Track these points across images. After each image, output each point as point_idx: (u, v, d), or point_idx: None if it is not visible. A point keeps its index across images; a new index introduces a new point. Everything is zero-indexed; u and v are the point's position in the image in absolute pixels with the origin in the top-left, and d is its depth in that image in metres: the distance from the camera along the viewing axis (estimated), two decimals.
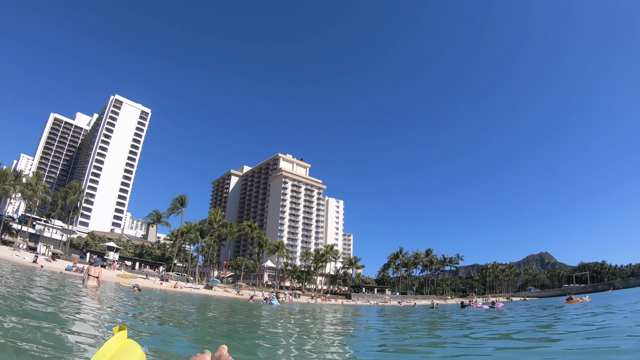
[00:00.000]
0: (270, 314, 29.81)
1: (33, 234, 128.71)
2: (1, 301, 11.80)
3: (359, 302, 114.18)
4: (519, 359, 10.12)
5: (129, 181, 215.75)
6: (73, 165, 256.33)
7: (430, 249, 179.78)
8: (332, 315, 36.20)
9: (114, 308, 18.28)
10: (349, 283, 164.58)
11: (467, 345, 13.59)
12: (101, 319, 12.96)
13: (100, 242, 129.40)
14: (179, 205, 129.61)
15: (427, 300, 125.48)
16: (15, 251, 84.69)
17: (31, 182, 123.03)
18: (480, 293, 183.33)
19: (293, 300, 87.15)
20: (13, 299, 13.11)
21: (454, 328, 22.19)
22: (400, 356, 11.59)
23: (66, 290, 22.48)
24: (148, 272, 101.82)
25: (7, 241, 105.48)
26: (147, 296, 34.62)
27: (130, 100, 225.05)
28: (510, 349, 12.28)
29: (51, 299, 16.34)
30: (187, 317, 20.33)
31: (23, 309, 10.94)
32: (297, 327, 19.54)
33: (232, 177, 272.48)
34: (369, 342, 15.32)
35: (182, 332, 13.24)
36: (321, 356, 10.30)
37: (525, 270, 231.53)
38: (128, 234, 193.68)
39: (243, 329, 17.42)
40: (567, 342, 12.93)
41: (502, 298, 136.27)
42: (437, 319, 32.46)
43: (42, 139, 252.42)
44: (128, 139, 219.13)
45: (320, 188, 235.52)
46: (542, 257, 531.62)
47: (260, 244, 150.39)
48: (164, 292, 58.03)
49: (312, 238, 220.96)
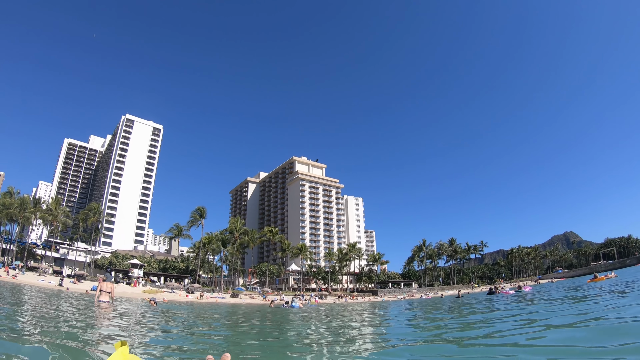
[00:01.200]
0: (295, 317, 29.12)
1: (58, 258, 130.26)
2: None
3: (385, 298, 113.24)
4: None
5: (148, 198, 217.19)
6: (91, 188, 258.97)
7: (454, 238, 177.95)
8: (357, 314, 35.42)
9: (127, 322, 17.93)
10: (374, 280, 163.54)
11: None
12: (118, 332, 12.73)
13: (124, 260, 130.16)
14: (198, 217, 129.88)
15: (455, 290, 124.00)
16: (40, 276, 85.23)
17: (51, 207, 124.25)
18: (508, 278, 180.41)
19: (318, 302, 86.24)
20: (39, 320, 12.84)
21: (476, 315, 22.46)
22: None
23: (94, 310, 22.31)
24: (173, 286, 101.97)
25: (33, 267, 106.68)
26: (166, 309, 34.59)
27: (142, 119, 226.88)
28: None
29: (81, 319, 16.68)
30: (203, 325, 19.89)
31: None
32: (326, 330, 18.87)
33: (250, 184, 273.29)
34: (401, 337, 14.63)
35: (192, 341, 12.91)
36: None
37: (551, 251, 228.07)
38: (151, 250, 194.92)
39: (262, 335, 16.97)
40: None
41: (529, 282, 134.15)
42: (463, 307, 31.79)
43: (58, 164, 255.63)
44: (143, 156, 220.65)
45: (338, 187, 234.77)
46: (567, 237, 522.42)
47: (282, 249, 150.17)
48: (189, 304, 57.80)
49: (334, 238, 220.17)
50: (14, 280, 68.95)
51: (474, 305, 31.51)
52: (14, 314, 16.46)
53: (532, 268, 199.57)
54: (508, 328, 13.09)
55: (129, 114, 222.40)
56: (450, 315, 22.53)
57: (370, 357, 9.57)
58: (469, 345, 10.31)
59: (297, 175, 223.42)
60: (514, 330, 12.38)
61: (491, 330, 13.36)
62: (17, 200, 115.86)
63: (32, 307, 21.79)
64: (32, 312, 18.50)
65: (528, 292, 45.20)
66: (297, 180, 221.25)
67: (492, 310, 23.21)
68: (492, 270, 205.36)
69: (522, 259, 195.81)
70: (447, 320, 18.94)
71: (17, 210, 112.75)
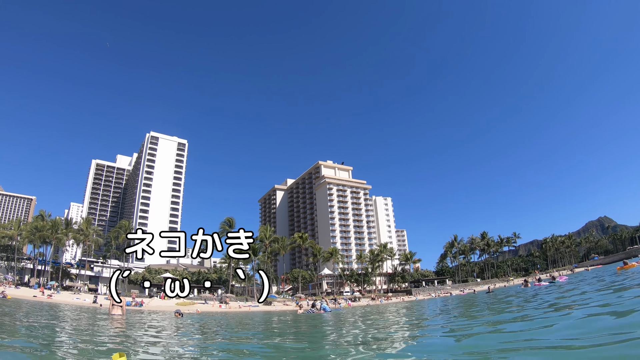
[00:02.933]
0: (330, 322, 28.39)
1: (92, 276, 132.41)
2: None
3: (419, 297, 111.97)
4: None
5: (177, 212, 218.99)
6: (121, 206, 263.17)
7: (485, 232, 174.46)
8: (389, 316, 34.28)
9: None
10: (407, 279, 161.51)
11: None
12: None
13: (157, 274, 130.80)
14: (227, 228, 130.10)
15: (490, 284, 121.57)
16: (75, 294, 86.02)
17: (82, 227, 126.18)
18: (543, 269, 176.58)
19: (351, 305, 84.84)
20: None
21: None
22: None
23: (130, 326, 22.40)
24: (206, 297, 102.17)
25: (68, 286, 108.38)
26: (192, 320, 34.47)
27: (166, 135, 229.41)
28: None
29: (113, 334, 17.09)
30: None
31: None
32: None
33: (277, 192, 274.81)
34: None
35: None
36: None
37: (585, 238, 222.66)
38: (184, 263, 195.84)
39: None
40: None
41: (565, 271, 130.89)
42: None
43: (87, 185, 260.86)
44: (170, 172, 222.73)
45: (365, 188, 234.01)
46: (601, 222, 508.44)
47: (313, 254, 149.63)
48: (223, 313, 57.63)
49: (365, 239, 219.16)
50: (50, 299, 69.75)
51: (502, 301, 30.19)
52: (50, 330, 16.98)
53: (568, 257, 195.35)
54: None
55: (153, 131, 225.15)
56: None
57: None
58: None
59: (324, 179, 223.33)
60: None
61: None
62: (48, 223, 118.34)
63: (67, 323, 22.25)
64: (66, 328, 19.04)
65: (563, 283, 43.03)
66: (324, 184, 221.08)
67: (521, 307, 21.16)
68: (526, 262, 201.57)
69: (556, 248, 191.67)
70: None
71: (49, 232, 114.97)
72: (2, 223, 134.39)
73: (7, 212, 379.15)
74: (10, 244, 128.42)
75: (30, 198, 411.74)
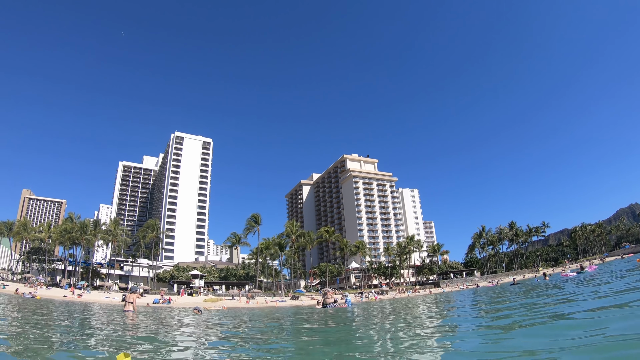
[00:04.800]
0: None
1: (123, 275, 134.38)
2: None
3: (446, 289, 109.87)
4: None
5: (205, 210, 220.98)
6: (149, 205, 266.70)
7: (514, 221, 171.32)
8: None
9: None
10: (435, 271, 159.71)
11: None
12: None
13: (185, 272, 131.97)
14: (253, 224, 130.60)
15: (519, 276, 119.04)
16: (105, 293, 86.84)
17: (110, 228, 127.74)
18: (573, 259, 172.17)
19: (378, 298, 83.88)
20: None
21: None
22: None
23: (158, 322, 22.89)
24: (233, 293, 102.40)
25: (98, 286, 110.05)
26: (213, 316, 34.33)
27: (191, 134, 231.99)
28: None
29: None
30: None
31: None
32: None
33: (304, 187, 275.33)
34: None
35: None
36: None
37: (616, 226, 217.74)
38: (212, 260, 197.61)
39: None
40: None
41: (595, 260, 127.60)
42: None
43: (115, 187, 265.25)
44: (196, 170, 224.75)
45: (391, 181, 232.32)
46: (632, 209, 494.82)
47: (340, 247, 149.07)
48: (249, 309, 57.35)
49: (393, 232, 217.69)
50: (80, 299, 70.66)
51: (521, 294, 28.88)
52: (80, 326, 17.57)
53: (598, 246, 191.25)
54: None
55: (178, 132, 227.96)
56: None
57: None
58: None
59: (350, 172, 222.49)
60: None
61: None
62: (77, 225, 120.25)
63: (93, 320, 22.42)
64: (91, 324, 19.26)
65: (592, 273, 40.63)
66: (349, 178, 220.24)
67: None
68: (556, 251, 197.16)
69: (586, 237, 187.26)
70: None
71: (77, 234, 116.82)
72: (33, 227, 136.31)
73: (39, 216, 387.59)
74: (41, 246, 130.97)
75: (60, 201, 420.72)
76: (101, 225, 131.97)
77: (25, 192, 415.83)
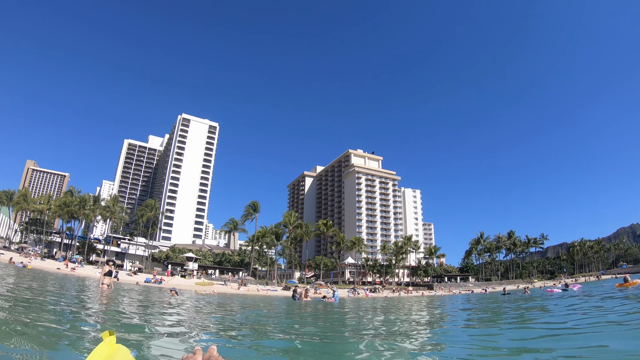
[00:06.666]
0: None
1: (119, 252, 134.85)
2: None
3: (438, 292, 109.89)
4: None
5: (206, 194, 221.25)
6: (151, 185, 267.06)
7: (513, 231, 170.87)
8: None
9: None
10: (430, 273, 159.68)
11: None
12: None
13: (180, 254, 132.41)
14: (252, 212, 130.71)
15: (513, 285, 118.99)
16: (98, 269, 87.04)
17: (109, 204, 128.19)
18: (570, 273, 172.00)
19: (369, 296, 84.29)
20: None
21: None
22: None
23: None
24: (226, 278, 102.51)
25: (93, 261, 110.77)
26: (182, 297, 34.48)
27: (197, 117, 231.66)
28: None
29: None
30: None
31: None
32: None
33: (307, 178, 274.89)
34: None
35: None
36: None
37: (615, 245, 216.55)
38: (210, 244, 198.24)
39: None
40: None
41: (591, 277, 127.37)
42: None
43: (119, 164, 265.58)
44: (200, 153, 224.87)
45: (394, 179, 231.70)
46: (633, 229, 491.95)
47: (337, 242, 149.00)
48: (239, 295, 57.33)
49: (392, 231, 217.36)
50: (72, 272, 71.14)
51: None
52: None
53: (596, 263, 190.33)
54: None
55: (185, 114, 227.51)
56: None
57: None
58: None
59: (353, 168, 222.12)
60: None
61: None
62: (76, 199, 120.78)
63: (67, 293, 22.72)
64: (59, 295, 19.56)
65: (576, 292, 40.17)
66: (353, 173, 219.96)
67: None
68: (553, 264, 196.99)
69: (584, 253, 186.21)
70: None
71: (76, 207, 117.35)
72: (33, 198, 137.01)
73: (41, 188, 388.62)
74: (40, 217, 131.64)
75: (63, 175, 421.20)
76: (100, 201, 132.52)
77: (30, 163, 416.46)
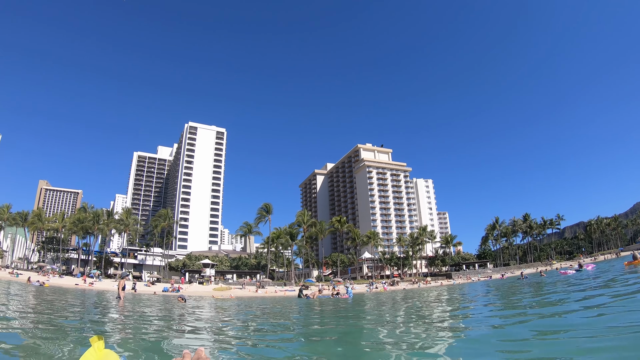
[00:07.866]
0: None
1: (137, 264, 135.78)
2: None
3: (457, 281, 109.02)
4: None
5: (218, 200, 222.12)
6: (164, 195, 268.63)
7: (528, 213, 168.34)
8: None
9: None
10: (448, 262, 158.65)
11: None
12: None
13: (197, 261, 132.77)
14: (265, 214, 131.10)
15: (532, 269, 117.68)
16: (115, 282, 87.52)
17: (122, 217, 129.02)
18: (588, 252, 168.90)
19: (387, 289, 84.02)
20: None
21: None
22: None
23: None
24: (243, 282, 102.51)
25: (111, 274, 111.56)
26: (190, 305, 34.77)
27: (204, 124, 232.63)
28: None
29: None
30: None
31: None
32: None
33: (318, 176, 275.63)
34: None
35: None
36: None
37: (632, 220, 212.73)
38: (226, 249, 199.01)
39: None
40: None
41: (610, 255, 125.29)
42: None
43: (130, 177, 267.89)
44: (209, 160, 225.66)
45: (405, 171, 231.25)
46: None
47: (352, 237, 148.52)
48: (256, 298, 57.46)
49: (406, 222, 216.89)
50: (91, 287, 71.69)
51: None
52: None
53: (614, 240, 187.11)
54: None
55: (192, 122, 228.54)
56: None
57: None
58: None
59: (363, 162, 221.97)
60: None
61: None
62: (90, 214, 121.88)
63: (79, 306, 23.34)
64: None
65: (591, 272, 38.82)
66: (363, 167, 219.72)
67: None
68: (571, 244, 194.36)
69: (602, 230, 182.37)
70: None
71: (90, 223, 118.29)
72: (47, 217, 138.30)
73: (56, 206, 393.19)
74: (55, 236, 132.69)
75: (77, 192, 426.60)
76: (114, 214, 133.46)
77: (42, 183, 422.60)
